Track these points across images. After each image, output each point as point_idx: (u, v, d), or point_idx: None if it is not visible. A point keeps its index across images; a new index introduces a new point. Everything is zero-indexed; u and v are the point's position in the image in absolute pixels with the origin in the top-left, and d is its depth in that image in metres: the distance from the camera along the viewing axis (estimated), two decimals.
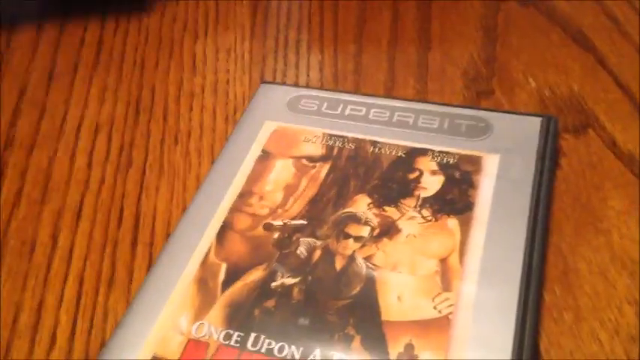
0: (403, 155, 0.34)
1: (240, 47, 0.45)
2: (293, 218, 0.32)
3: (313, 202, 0.32)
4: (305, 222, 0.31)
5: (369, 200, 0.32)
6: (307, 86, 0.41)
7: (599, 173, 0.35)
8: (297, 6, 0.46)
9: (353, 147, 0.35)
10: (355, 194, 0.32)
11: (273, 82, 0.39)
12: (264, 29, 0.46)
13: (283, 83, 0.41)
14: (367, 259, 0.30)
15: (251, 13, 0.47)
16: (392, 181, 0.33)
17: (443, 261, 0.29)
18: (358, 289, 0.28)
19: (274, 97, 0.38)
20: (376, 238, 0.30)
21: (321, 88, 0.40)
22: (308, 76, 0.42)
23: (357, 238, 0.31)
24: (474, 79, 0.41)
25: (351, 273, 0.29)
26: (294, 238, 0.31)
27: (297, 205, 0.32)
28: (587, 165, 0.35)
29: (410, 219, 0.31)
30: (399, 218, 0.31)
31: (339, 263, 0.30)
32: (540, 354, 0.28)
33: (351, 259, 0.30)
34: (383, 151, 0.34)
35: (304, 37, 0.45)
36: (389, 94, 0.40)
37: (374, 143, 0.35)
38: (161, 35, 0.46)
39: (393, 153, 0.34)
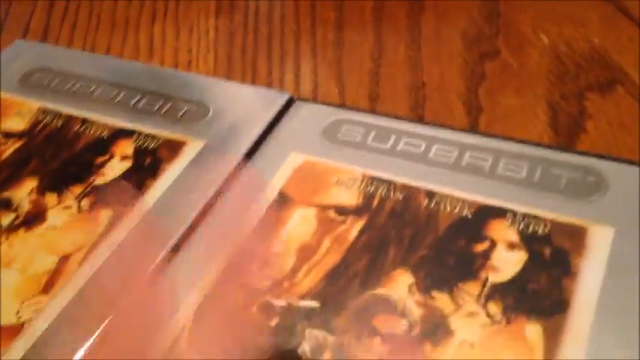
0: (470, 215, 0.24)
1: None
2: (302, 297, 0.23)
3: (334, 274, 0.23)
4: (317, 304, 0.22)
5: (411, 279, 0.22)
6: (351, 107, 0.31)
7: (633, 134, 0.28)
8: None
9: (401, 197, 0.25)
10: (394, 268, 0.23)
11: (304, 100, 0.30)
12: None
13: (317, 101, 0.32)
14: None
15: None
16: (449, 252, 0.23)
17: None
18: None
19: (306, 120, 0.29)
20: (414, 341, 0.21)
21: (369, 110, 0.31)
22: None
23: (387, 338, 0.21)
24: (475, 40, 0.34)
25: None
26: (299, 327, 0.22)
27: (310, 277, 0.23)
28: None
29: (468, 316, 0.21)
30: (453, 312, 0.21)
31: None
32: None
33: None
34: (442, 207, 0.24)
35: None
36: (460, 128, 0.30)
37: (430, 194, 0.25)
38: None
39: (456, 211, 0.24)
